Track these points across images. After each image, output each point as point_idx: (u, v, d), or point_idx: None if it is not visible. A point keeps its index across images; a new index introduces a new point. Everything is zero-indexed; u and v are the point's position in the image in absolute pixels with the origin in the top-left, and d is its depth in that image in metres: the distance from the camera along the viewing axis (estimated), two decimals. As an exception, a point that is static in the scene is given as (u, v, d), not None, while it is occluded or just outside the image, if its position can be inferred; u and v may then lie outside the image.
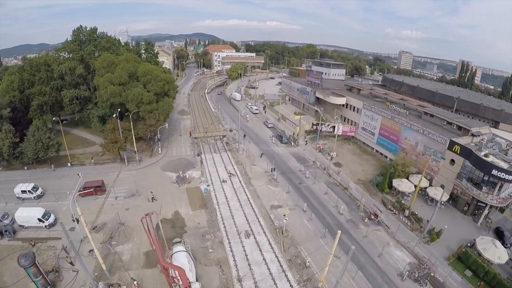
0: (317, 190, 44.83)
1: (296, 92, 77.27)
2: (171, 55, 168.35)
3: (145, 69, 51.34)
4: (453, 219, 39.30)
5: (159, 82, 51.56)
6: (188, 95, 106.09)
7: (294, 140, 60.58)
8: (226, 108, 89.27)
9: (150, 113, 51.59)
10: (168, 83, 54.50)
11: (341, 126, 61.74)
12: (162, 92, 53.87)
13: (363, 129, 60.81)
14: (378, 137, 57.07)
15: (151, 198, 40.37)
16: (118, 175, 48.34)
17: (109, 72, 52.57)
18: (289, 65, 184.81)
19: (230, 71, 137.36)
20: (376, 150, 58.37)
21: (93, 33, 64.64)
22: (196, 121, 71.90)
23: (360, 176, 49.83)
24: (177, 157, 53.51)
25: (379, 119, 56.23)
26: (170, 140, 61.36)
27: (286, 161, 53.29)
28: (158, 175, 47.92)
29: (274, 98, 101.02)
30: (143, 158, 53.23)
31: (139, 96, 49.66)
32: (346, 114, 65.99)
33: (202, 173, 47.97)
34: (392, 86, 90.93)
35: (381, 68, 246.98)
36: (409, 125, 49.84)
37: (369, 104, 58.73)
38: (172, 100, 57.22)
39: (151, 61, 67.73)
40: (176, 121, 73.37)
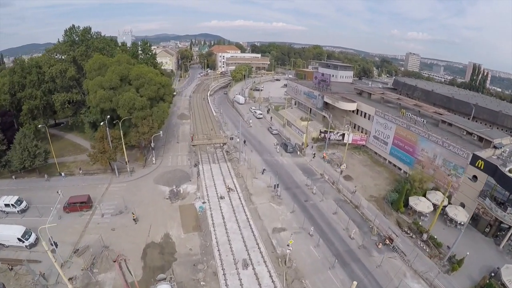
0: (325, 208, 40.04)
1: (303, 96, 72.48)
2: (175, 56, 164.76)
3: (138, 72, 47.15)
4: (474, 242, 34.50)
5: (153, 86, 47.32)
6: (190, 97, 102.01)
7: (300, 150, 55.80)
8: (229, 111, 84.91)
9: (143, 120, 47.41)
10: (164, 86, 50.27)
11: (351, 134, 56.82)
12: (157, 96, 49.64)
13: (375, 138, 55.81)
14: (391, 147, 52.01)
15: (134, 219, 36.11)
16: (108, 188, 44.33)
17: (100, 75, 48.61)
18: (295, 66, 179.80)
19: (234, 73, 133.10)
20: (389, 161, 53.29)
21: (86, 33, 60.79)
22: (196, 127, 67.59)
23: (373, 192, 44.93)
24: (172, 168, 49.20)
25: (393, 128, 51.21)
26: (166, 147, 57.11)
27: (291, 173, 48.56)
28: (150, 189, 43.67)
29: (279, 101, 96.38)
30: (136, 169, 49.08)
31: (130, 101, 45.47)
32: (357, 120, 61.00)
33: (198, 187, 43.56)
34: (405, 90, 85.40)
35: (389, 70, 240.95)
36: (426, 135, 44.80)
37: (382, 111, 53.69)
38: (168, 105, 52.96)
39: (148, 63, 63.63)
40: (174, 126, 69.19)
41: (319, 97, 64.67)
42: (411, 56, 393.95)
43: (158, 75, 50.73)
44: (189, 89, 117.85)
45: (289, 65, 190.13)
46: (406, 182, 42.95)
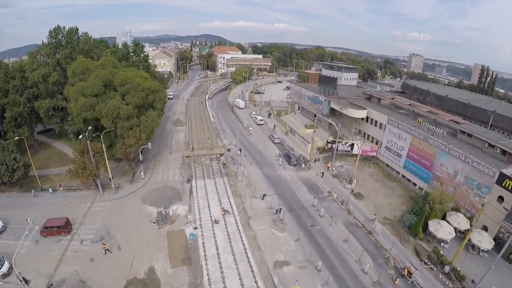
0: (334, 235, 34.87)
1: (307, 101, 67.32)
2: (173, 57, 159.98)
3: (124, 76, 42.17)
4: (497, 271, 29.12)
5: (140, 93, 42.31)
6: (187, 101, 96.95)
7: (305, 162, 50.60)
8: (227, 117, 79.74)
9: (130, 131, 42.47)
10: (154, 92, 45.25)
11: (360, 145, 51.66)
12: (145, 104, 44.67)
13: (387, 149, 50.62)
14: (406, 160, 46.82)
15: (105, 250, 31.17)
16: (90, 207, 39.53)
17: (84, 80, 43.83)
18: (298, 68, 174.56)
19: (234, 74, 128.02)
20: (402, 175, 48.16)
21: (72, 33, 55.98)
22: (191, 135, 62.53)
23: (387, 213, 39.83)
24: (162, 184, 44.14)
25: (408, 139, 46.02)
26: (157, 159, 52.07)
27: (295, 190, 43.40)
28: (136, 210, 38.66)
29: (281, 105, 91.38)
30: (122, 184, 44.14)
31: (115, 110, 40.59)
32: (366, 129, 55.82)
33: (189, 208, 38.48)
34: (416, 94, 79.97)
35: (392, 71, 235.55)
36: (447, 149, 39.65)
37: (395, 120, 48.48)
38: (159, 114, 47.89)
39: (140, 65, 58.67)
40: (168, 134, 64.14)
41: (325, 102, 59.50)
42: (415, 57, 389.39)
43: (147, 80, 45.71)
44: (187, 92, 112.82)
45: (291, 66, 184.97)
46: (425, 202, 37.97)
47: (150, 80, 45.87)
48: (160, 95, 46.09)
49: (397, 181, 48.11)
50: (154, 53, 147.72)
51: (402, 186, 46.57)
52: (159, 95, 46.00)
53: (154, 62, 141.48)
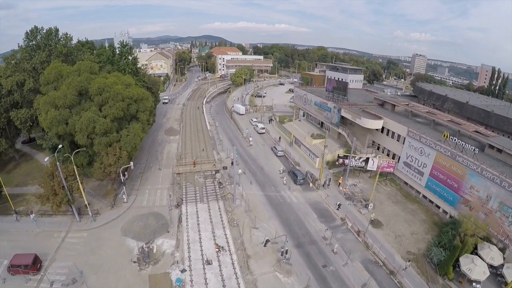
0: (351, 279, 28.49)
1: (314, 107, 60.86)
2: (171, 58, 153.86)
3: (100, 84, 35.85)
4: None
5: (119, 103, 35.95)
6: (183, 106, 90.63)
7: (313, 181, 44.16)
8: (226, 124, 73.32)
9: (109, 148, 36.25)
10: (137, 101, 38.96)
11: (376, 160, 45.29)
12: (127, 115, 38.38)
13: (406, 165, 44.23)
14: (428, 179, 40.42)
15: None
16: (65, 238, 33.44)
17: (56, 89, 37.68)
18: (300, 69, 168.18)
19: (234, 76, 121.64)
20: (423, 195, 41.84)
21: (50, 35, 49.90)
22: (185, 146, 56.19)
23: (410, 245, 33.64)
24: (147, 210, 37.78)
25: (432, 155, 39.60)
26: (145, 176, 45.76)
27: (303, 218, 36.96)
28: (115, 243, 32.39)
29: (284, 110, 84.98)
30: (102, 210, 37.91)
31: (89, 124, 34.34)
32: (382, 141, 49.38)
33: (177, 243, 32.13)
34: (431, 100, 73.61)
35: (396, 72, 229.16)
36: (479, 169, 33.26)
37: (417, 132, 42.07)
38: (145, 126, 41.53)
39: (126, 70, 52.43)
40: (159, 145, 57.80)
41: (335, 110, 53.05)
42: (418, 57, 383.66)
43: (130, 87, 39.43)
44: (184, 96, 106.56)
45: (293, 67, 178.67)
46: (454, 234, 31.71)
47: (134, 87, 39.57)
48: (145, 105, 39.70)
49: (417, 202, 41.73)
50: (150, 55, 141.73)
51: (423, 208, 40.22)
52: (144, 104, 39.63)
53: (150, 64, 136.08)
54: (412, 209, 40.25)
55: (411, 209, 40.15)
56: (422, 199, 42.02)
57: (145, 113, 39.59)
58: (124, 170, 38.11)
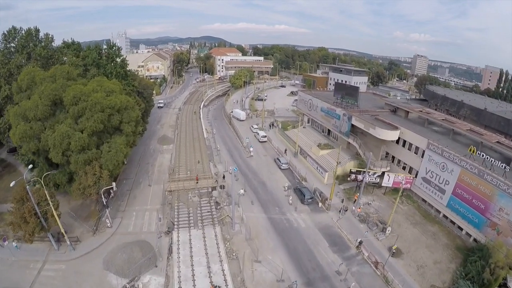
0: (375, 329, 23.52)
1: (320, 114, 55.83)
2: (168, 59, 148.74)
3: (76, 92, 30.76)
4: None
5: (98, 114, 30.86)
6: (179, 110, 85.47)
7: (323, 200, 39.12)
8: (224, 131, 68.12)
9: (87, 166, 31.24)
10: (120, 111, 33.89)
11: (392, 175, 40.37)
12: (108, 127, 33.34)
13: (426, 181, 39.34)
14: (451, 198, 35.62)
15: None
16: (41, 270, 28.77)
17: (30, 98, 32.68)
18: (301, 70, 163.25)
19: (233, 78, 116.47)
20: (444, 215, 37.14)
21: (29, 36, 45.09)
22: (179, 157, 51.07)
23: (434, 278, 29.24)
24: (133, 237, 32.68)
25: (456, 171, 34.75)
26: (132, 194, 40.66)
27: (313, 247, 31.88)
28: (95, 280, 27.47)
29: (286, 115, 79.84)
30: (83, 236, 32.96)
31: (63, 139, 29.33)
32: (397, 153, 44.42)
33: (166, 281, 27.08)
34: (445, 105, 68.53)
35: (399, 73, 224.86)
36: (510, 190, 28.60)
37: (438, 144, 37.18)
38: (131, 139, 36.40)
39: (113, 73, 47.38)
40: (151, 156, 52.67)
41: (345, 118, 48.05)
42: (419, 58, 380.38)
43: (113, 94, 34.34)
44: (180, 99, 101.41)
45: (294, 68, 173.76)
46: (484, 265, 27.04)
47: (117, 95, 34.46)
48: (130, 115, 34.50)
49: (438, 223, 36.96)
50: (146, 56, 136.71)
51: (444, 230, 35.60)
52: (129, 114, 34.46)
53: (147, 65, 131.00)
54: (433, 231, 35.57)
55: (431, 232, 35.45)
56: (443, 219, 37.41)
57: (130, 124, 34.43)
58: (109, 189, 33.12)
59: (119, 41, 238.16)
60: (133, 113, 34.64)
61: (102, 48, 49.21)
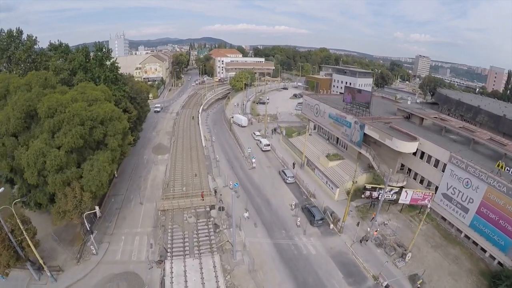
0: None
1: (328, 120, 51.63)
2: (167, 61, 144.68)
3: (52, 102, 26.58)
4: None
5: (77, 127, 26.65)
6: (176, 115, 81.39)
7: (335, 221, 34.90)
8: (224, 138, 63.85)
9: (67, 187, 27.14)
10: (105, 123, 29.76)
11: (410, 192, 36.25)
12: (90, 142, 29.22)
13: (446, 198, 35.37)
14: (474, 217, 31.92)
15: None
16: None
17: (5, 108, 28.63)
18: (303, 71, 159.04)
19: (233, 81, 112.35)
20: (466, 234, 33.44)
21: (10, 38, 41.11)
22: (174, 169, 46.89)
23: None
24: (121, 268, 28.51)
25: (482, 189, 30.90)
26: (122, 214, 36.51)
27: (325, 280, 27.65)
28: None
29: (290, 120, 75.63)
30: (66, 264, 28.95)
31: (38, 158, 25.25)
32: (414, 165, 40.27)
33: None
34: (460, 111, 64.50)
35: (402, 75, 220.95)
36: None
37: (462, 158, 33.14)
38: (117, 155, 32.16)
39: (102, 78, 43.28)
40: (145, 167, 48.46)
41: (356, 126, 43.87)
42: (421, 58, 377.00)
43: (97, 103, 30.23)
44: (179, 103, 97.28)
45: (296, 69, 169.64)
46: None
47: (101, 104, 30.33)
48: (116, 126, 30.15)
49: (459, 244, 33.22)
50: (143, 58, 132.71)
51: (467, 253, 32.00)
52: (115, 126, 30.17)
53: (144, 68, 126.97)
54: (455, 255, 31.87)
55: (453, 256, 31.74)
56: (464, 239, 33.78)
57: (116, 138, 30.18)
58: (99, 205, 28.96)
59: (118, 43, 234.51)
60: (119, 124, 30.39)
61: (91, 50, 44.98)
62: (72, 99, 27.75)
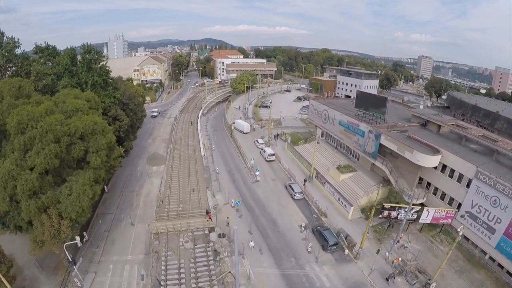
0: None
1: (338, 128, 47.63)
2: (166, 63, 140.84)
3: (22, 116, 22.69)
4: None
5: (51, 145, 22.65)
6: (174, 119, 77.46)
7: (350, 246, 30.87)
8: (224, 146, 59.70)
9: (43, 213, 23.26)
10: (85, 138, 25.84)
11: (432, 210, 32.34)
12: (69, 160, 25.27)
13: (471, 216, 31.65)
14: (502, 238, 28.57)
15: None
16: None
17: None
18: (305, 73, 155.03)
19: (234, 83, 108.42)
20: (490, 256, 30.06)
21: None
22: (170, 183, 42.91)
23: None
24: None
25: (511, 208, 27.13)
26: (111, 237, 32.55)
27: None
28: None
29: (295, 125, 71.58)
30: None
31: (7, 182, 21.37)
32: (434, 179, 36.32)
33: None
34: (475, 117, 60.44)
35: (405, 75, 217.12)
36: None
37: (489, 173, 29.36)
38: (102, 175, 28.14)
39: (89, 83, 39.38)
40: (137, 181, 44.28)
41: (371, 135, 39.86)
42: (424, 59, 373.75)
43: (77, 114, 26.30)
44: (177, 106, 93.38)
45: (298, 71, 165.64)
46: None
47: (82, 115, 26.39)
48: (99, 142, 26.04)
49: (483, 267, 29.88)
50: (141, 59, 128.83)
51: (492, 277, 28.76)
52: (97, 141, 26.12)
53: (142, 70, 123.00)
54: (480, 280, 28.55)
55: (479, 281, 28.42)
56: (489, 261, 30.37)
57: (100, 154, 26.18)
58: (85, 228, 25.03)
59: (116, 44, 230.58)
60: (102, 139, 26.35)
61: (74, 54, 40.93)
62: (47, 111, 23.81)
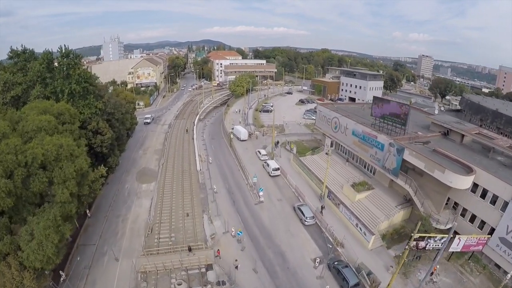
0: None
1: (351, 138, 42.30)
2: (162, 65, 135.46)
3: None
4: None
5: (1, 181, 17.35)
6: (168, 127, 72.04)
7: (374, 285, 25.59)
8: (223, 157, 53.72)
9: (4, 261, 18.01)
10: (48, 166, 20.54)
11: (463, 238, 27.26)
12: (29, 196, 19.96)
13: (505, 243, 26.84)
14: None
15: None
16: None
17: None
18: (306, 74, 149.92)
19: (233, 85, 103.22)
20: None
21: None
22: (161, 205, 37.47)
23: None
24: None
25: None
26: (92, 276, 27.08)
27: None
28: None
29: (300, 132, 66.04)
30: None
31: None
32: (464, 200, 31.14)
33: None
34: (496, 123, 55.33)
35: (407, 75, 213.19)
36: None
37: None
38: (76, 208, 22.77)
39: (65, 92, 34.00)
40: (124, 203, 38.69)
41: (392, 149, 34.56)
42: (424, 58, 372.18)
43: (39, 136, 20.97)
44: (172, 112, 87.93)
45: (298, 72, 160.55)
46: None
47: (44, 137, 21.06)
48: (66, 170, 20.52)
49: None
50: (135, 62, 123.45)
51: None
52: (64, 170, 20.73)
53: (137, 72, 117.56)
54: None
55: None
56: None
57: (68, 185, 20.79)
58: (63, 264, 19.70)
59: (112, 46, 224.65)
60: (70, 166, 20.96)
61: (50, 58, 35.33)
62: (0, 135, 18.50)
